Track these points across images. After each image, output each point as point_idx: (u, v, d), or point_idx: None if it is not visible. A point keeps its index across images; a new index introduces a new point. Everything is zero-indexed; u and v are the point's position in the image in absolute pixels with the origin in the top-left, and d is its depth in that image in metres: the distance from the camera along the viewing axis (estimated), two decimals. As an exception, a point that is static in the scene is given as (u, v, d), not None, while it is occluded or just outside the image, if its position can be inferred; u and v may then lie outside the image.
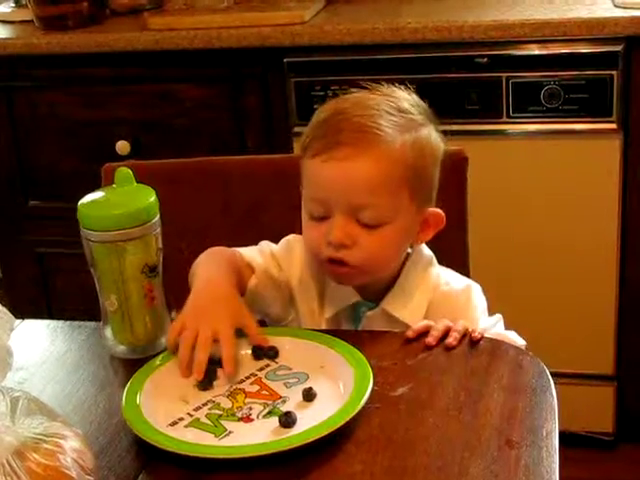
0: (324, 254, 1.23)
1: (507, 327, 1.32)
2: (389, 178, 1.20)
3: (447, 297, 1.30)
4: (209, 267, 1.26)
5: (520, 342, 1.24)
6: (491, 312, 1.34)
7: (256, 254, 1.34)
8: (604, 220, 2.11)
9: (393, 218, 1.22)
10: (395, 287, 1.29)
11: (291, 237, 1.37)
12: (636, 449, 2.29)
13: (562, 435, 1.00)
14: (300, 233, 1.33)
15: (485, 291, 1.35)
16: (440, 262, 1.36)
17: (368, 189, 1.19)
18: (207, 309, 1.16)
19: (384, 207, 1.21)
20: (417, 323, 1.22)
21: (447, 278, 1.33)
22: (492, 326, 1.27)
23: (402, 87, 1.29)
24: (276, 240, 1.39)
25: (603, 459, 2.28)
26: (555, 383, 1.08)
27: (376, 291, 1.30)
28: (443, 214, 1.29)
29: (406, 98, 1.27)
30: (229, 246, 1.48)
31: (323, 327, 1.30)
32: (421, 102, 1.29)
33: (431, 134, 1.26)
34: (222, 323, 1.13)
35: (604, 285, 2.16)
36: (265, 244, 1.37)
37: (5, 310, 0.88)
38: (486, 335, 1.18)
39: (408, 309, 1.28)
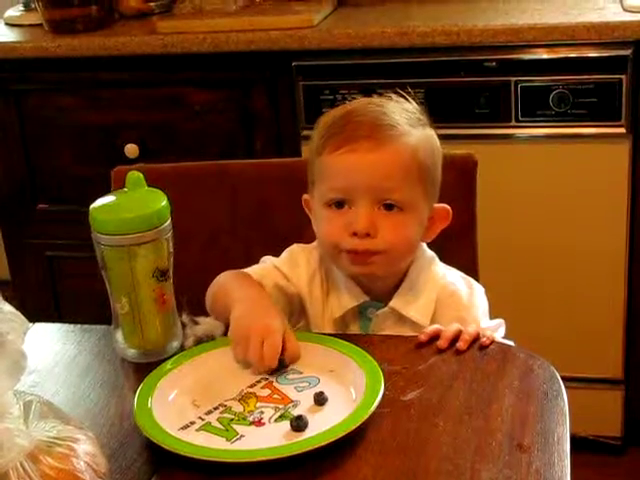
0: (346, 246, 1.24)
1: (514, 330, 1.32)
2: (408, 169, 1.24)
3: (451, 296, 1.31)
4: (240, 287, 1.27)
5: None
6: (499, 315, 1.34)
7: (262, 272, 1.34)
8: (613, 224, 2.11)
9: (411, 207, 1.25)
10: (403, 286, 1.31)
11: (294, 247, 1.38)
12: (644, 453, 2.29)
13: (570, 439, 1.00)
14: (307, 235, 1.34)
15: (493, 294, 1.36)
16: (449, 264, 1.36)
17: (391, 176, 1.23)
18: (258, 317, 1.17)
19: (405, 196, 1.24)
20: (426, 321, 1.25)
21: (451, 278, 1.34)
22: (493, 331, 1.27)
23: (398, 95, 1.33)
24: (285, 243, 1.40)
25: (611, 464, 2.28)
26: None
27: (384, 291, 1.31)
28: (450, 209, 1.31)
29: (406, 102, 1.31)
30: (238, 249, 1.48)
31: (331, 329, 1.31)
32: (419, 108, 1.32)
33: (434, 135, 1.31)
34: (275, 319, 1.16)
35: (612, 289, 2.16)
36: (267, 259, 1.38)
37: (18, 313, 0.89)
38: (495, 340, 1.18)
39: (417, 307, 1.30)
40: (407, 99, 1.31)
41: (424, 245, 1.34)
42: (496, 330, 1.28)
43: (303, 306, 1.35)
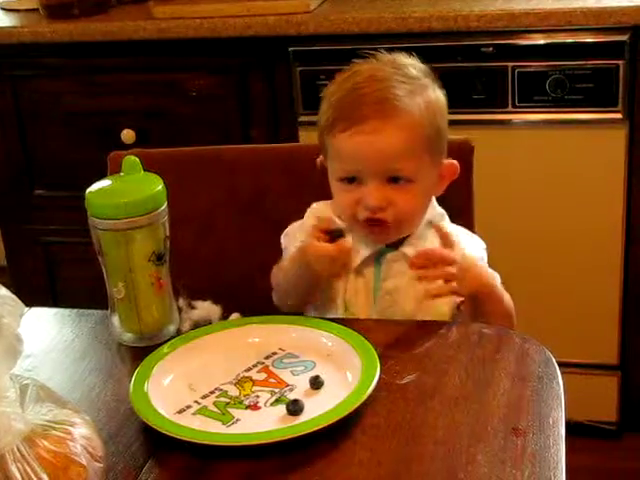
0: (361, 216, 1.30)
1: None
2: (413, 143, 1.29)
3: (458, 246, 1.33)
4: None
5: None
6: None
7: (286, 253, 1.39)
8: (609, 210, 2.11)
9: (419, 177, 1.31)
10: (413, 234, 1.36)
11: (313, 205, 1.42)
12: (640, 439, 2.30)
13: (566, 424, 1.01)
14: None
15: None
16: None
17: (396, 156, 1.28)
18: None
19: (412, 169, 1.29)
20: None
21: (458, 232, 1.37)
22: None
23: (403, 53, 1.39)
24: (281, 228, 1.41)
25: (607, 448, 2.28)
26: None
27: (398, 240, 1.36)
28: (457, 164, 1.36)
29: (410, 63, 1.36)
30: (234, 234, 1.49)
31: (350, 278, 1.35)
32: (422, 64, 1.37)
33: (436, 92, 1.36)
34: None
35: (609, 274, 2.16)
36: (284, 239, 1.42)
37: (14, 297, 0.89)
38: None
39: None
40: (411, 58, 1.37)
41: (434, 202, 1.39)
42: (493, 277, 1.33)
43: None
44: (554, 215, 2.14)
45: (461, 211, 1.45)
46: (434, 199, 1.39)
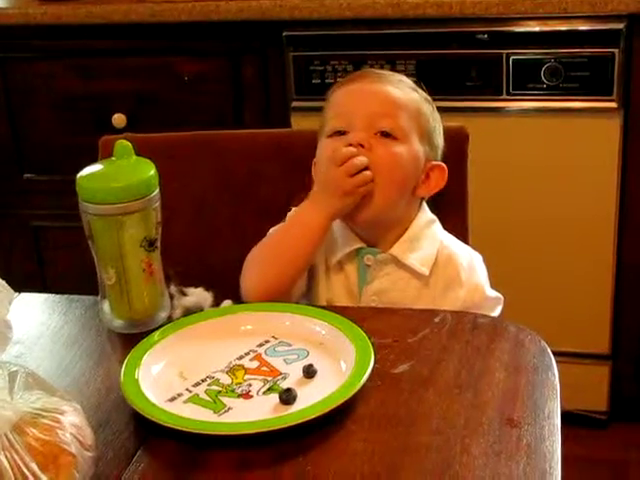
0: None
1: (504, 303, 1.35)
2: (407, 104, 1.32)
3: (451, 258, 1.34)
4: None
5: None
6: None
7: None
8: (603, 198, 2.11)
9: (406, 140, 1.31)
10: (404, 237, 1.34)
11: (291, 211, 1.38)
12: (629, 428, 2.30)
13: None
14: (297, 205, 1.34)
15: (483, 267, 1.36)
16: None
17: (389, 101, 1.31)
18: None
19: (400, 122, 1.30)
20: (426, 270, 1.31)
21: (451, 242, 1.36)
22: (493, 301, 1.33)
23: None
24: (273, 214, 1.39)
25: (596, 437, 2.29)
26: (551, 362, 1.08)
27: (382, 242, 1.34)
28: (445, 167, 1.36)
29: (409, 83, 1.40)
30: (226, 219, 1.47)
31: (331, 275, 1.34)
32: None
33: (431, 107, 1.38)
34: None
35: (601, 264, 2.16)
36: (272, 230, 1.38)
37: (3, 283, 0.88)
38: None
39: (417, 256, 1.32)
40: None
41: (426, 208, 1.38)
42: (495, 307, 1.33)
43: None
44: (547, 203, 2.14)
45: (455, 198, 1.44)
46: (425, 204, 1.38)
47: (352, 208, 1.29)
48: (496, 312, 1.32)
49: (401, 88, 1.34)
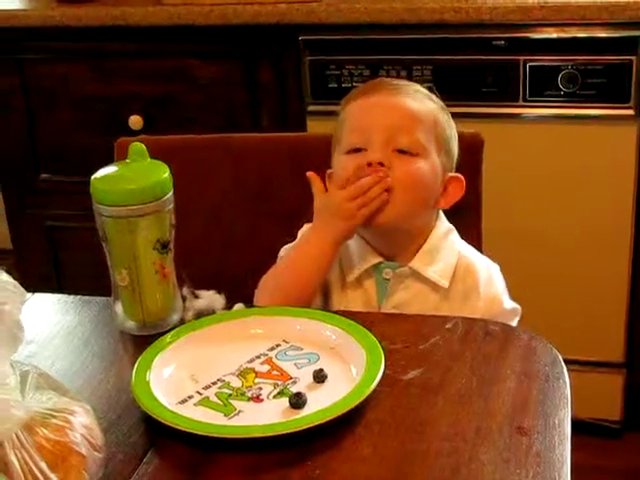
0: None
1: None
2: (424, 116, 1.31)
3: (470, 269, 1.33)
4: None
5: None
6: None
7: None
8: (619, 206, 2.10)
9: (425, 155, 1.30)
10: (422, 249, 1.33)
11: (304, 227, 1.39)
12: (643, 437, 2.29)
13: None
14: (311, 210, 1.34)
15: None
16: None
17: (407, 115, 1.30)
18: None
19: (419, 136, 1.30)
20: (446, 282, 1.30)
21: (468, 252, 1.36)
22: (511, 313, 1.33)
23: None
24: (288, 218, 1.40)
25: (609, 447, 2.28)
26: (565, 370, 1.07)
27: (401, 256, 1.33)
28: (463, 178, 1.35)
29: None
30: (241, 223, 1.47)
31: (348, 292, 1.34)
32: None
33: (447, 116, 1.37)
34: None
35: (616, 271, 2.15)
36: (283, 250, 1.39)
37: (16, 284, 0.88)
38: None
39: (436, 268, 1.32)
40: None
41: (443, 217, 1.37)
42: (513, 318, 1.32)
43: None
44: (562, 211, 2.13)
45: (470, 205, 1.44)
46: (442, 213, 1.37)
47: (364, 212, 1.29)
48: (513, 323, 1.32)
49: (418, 99, 1.33)
